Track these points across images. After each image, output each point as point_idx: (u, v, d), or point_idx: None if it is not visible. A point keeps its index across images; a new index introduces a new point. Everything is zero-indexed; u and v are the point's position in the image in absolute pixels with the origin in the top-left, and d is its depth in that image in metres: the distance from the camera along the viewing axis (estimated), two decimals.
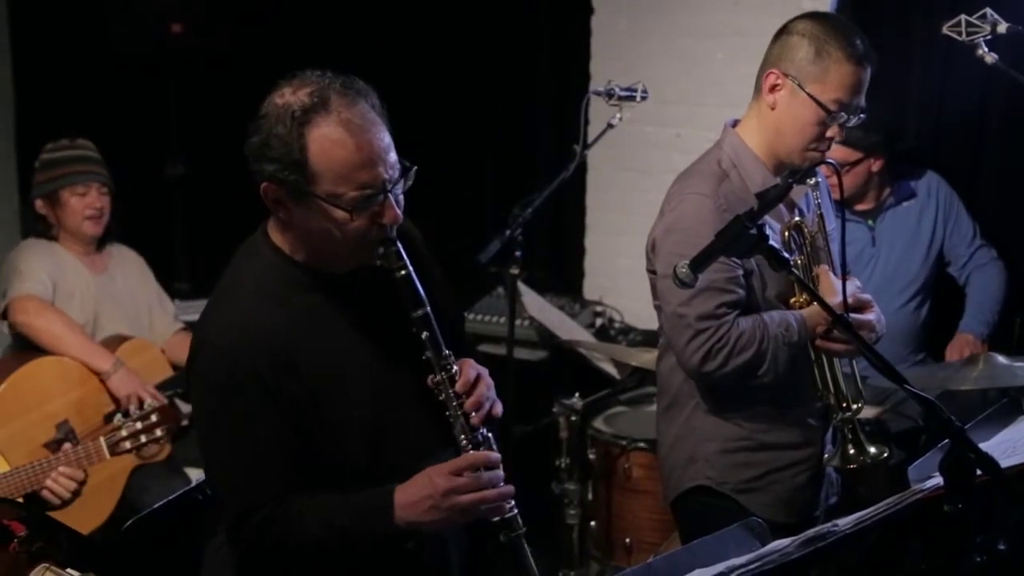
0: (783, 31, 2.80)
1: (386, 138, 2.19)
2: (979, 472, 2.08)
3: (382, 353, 2.31)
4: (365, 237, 2.20)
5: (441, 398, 2.26)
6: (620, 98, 3.98)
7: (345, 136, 2.13)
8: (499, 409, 2.32)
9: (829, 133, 2.76)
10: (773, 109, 2.78)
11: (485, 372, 2.33)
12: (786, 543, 1.93)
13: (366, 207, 2.16)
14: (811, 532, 1.96)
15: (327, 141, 2.13)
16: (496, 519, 2.25)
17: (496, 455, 2.26)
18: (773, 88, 2.77)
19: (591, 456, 4.24)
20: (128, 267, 4.37)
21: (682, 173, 2.91)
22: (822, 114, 2.72)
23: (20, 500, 3.27)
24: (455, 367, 2.27)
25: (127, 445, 3.34)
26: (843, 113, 2.73)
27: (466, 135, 5.75)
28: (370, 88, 2.22)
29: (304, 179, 2.14)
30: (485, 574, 2.54)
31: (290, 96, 2.16)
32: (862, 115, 2.77)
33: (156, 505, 2.87)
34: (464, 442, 2.25)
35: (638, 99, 3.97)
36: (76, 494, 3.29)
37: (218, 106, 5.91)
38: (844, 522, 2.00)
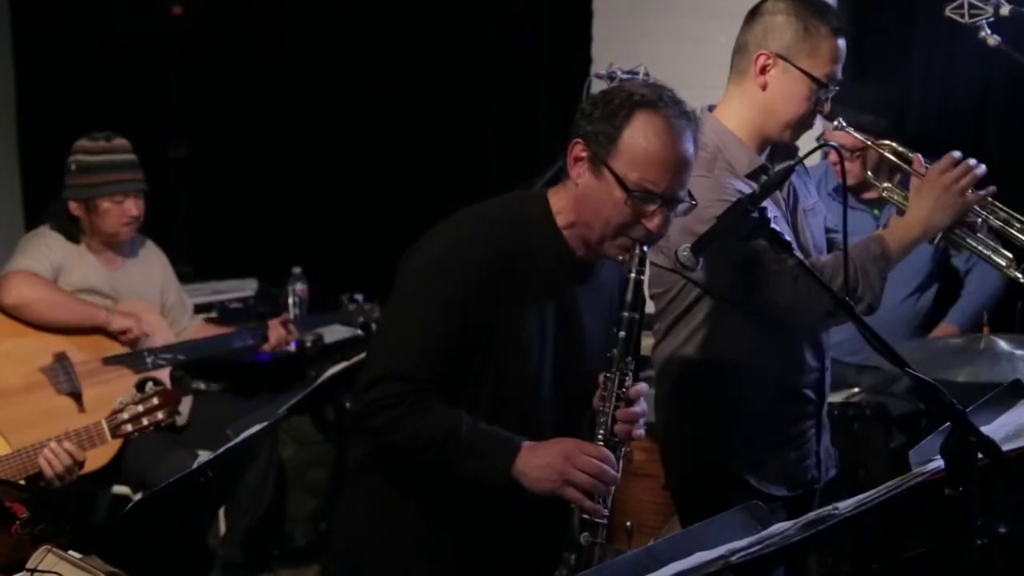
0: (758, 13, 2.85)
1: (689, 162, 2.39)
2: (980, 455, 2.08)
3: (571, 341, 2.49)
4: (623, 229, 2.38)
5: (603, 394, 2.40)
6: (622, 80, 3.98)
7: (662, 132, 2.35)
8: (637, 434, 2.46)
9: (821, 107, 2.81)
10: (764, 89, 2.81)
11: (646, 408, 2.49)
12: (787, 526, 1.93)
13: (642, 200, 2.35)
14: (812, 515, 1.96)
15: (646, 127, 2.35)
16: (586, 517, 2.36)
17: (617, 472, 2.39)
18: (764, 69, 2.80)
19: None
20: (149, 260, 4.38)
21: None
22: (815, 88, 2.77)
23: (22, 482, 3.28)
24: (630, 377, 2.43)
25: (128, 428, 3.36)
26: (833, 86, 2.79)
27: (468, 118, 5.73)
28: (697, 126, 2.44)
29: (609, 149, 2.36)
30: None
31: (637, 89, 2.42)
32: (838, 87, 2.82)
33: (158, 487, 2.88)
34: (600, 438, 2.39)
35: None
36: (74, 471, 3.31)
37: (220, 88, 5.92)
38: (845, 505, 2.00)
